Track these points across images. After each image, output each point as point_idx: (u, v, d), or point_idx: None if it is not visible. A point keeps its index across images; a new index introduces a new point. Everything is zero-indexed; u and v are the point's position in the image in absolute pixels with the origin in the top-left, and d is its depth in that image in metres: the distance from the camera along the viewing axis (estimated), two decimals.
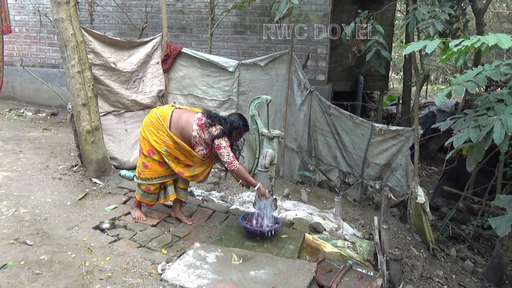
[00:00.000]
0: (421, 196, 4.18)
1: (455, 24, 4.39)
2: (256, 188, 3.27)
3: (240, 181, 3.36)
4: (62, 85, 7.03)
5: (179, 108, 3.43)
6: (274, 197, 3.49)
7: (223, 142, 3.20)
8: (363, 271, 3.11)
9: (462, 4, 4.50)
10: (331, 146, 5.24)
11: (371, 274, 3.08)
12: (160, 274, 2.65)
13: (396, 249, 3.74)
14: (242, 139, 3.49)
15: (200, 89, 5.38)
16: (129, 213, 3.54)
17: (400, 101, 9.17)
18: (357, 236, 3.90)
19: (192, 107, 4.00)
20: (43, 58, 7.46)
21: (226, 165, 3.24)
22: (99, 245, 2.94)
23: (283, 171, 5.49)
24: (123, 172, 4.42)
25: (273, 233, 3.34)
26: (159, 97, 5.22)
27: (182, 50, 5.26)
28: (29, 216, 3.20)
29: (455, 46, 2.66)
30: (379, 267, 3.20)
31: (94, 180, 4.07)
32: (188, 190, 4.36)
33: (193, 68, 5.33)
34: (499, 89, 5.45)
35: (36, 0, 7.04)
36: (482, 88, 5.25)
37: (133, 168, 4.68)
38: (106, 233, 3.17)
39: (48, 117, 6.66)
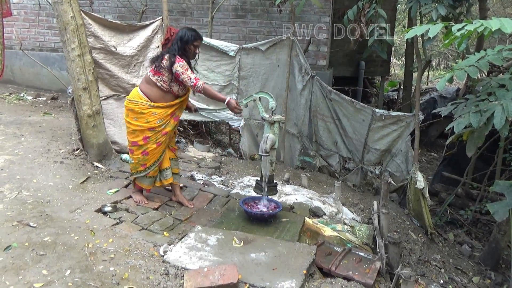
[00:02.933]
0: (421, 182, 4.20)
1: (458, 9, 4.33)
2: (225, 102, 3.32)
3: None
4: (62, 69, 6.99)
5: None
6: (274, 181, 3.51)
7: (179, 68, 3.20)
8: (362, 254, 3.15)
9: None
10: (332, 131, 5.24)
11: (370, 257, 3.12)
12: (162, 256, 2.70)
13: (395, 233, 3.79)
14: (197, 51, 3.43)
15: (200, 73, 5.36)
16: (131, 196, 3.58)
17: (401, 87, 9.13)
18: (357, 221, 3.94)
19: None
20: (42, 42, 7.40)
21: (192, 89, 3.31)
22: (101, 227, 2.98)
23: (283, 156, 5.51)
24: (124, 156, 4.43)
25: (273, 217, 3.38)
26: None
27: None
28: (32, 199, 3.24)
29: (458, 30, 2.63)
30: (378, 250, 3.24)
31: (96, 164, 4.10)
32: (189, 174, 4.40)
33: None
34: (501, 74, 5.42)
35: None
36: (484, 74, 5.21)
37: None
38: (108, 216, 3.21)
39: (49, 101, 6.65)
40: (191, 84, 3.23)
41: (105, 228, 2.97)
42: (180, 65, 3.20)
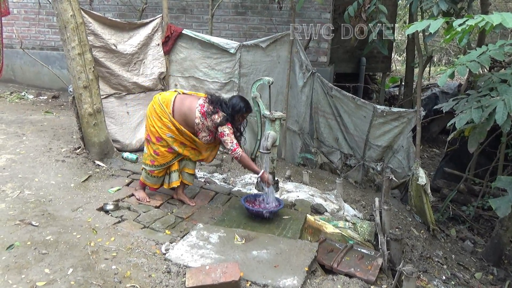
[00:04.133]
0: (422, 178, 4.20)
1: (459, 4, 4.31)
2: (259, 175, 3.33)
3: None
4: (63, 68, 6.99)
5: (183, 93, 3.43)
6: (276, 179, 3.51)
7: (226, 130, 3.22)
8: (364, 251, 3.15)
9: None
10: (333, 128, 5.23)
11: (372, 254, 3.12)
12: (164, 254, 2.70)
13: (397, 230, 3.78)
14: (245, 121, 3.50)
15: (201, 71, 5.35)
16: (133, 195, 3.58)
17: (403, 83, 9.10)
18: (358, 217, 3.94)
19: (195, 91, 3.98)
20: (43, 41, 7.40)
21: (229, 153, 3.27)
22: (103, 226, 2.98)
23: (285, 153, 5.51)
24: (125, 154, 4.44)
25: (275, 214, 3.38)
26: (160, 80, 5.20)
27: (183, 32, 5.20)
28: (34, 198, 3.24)
29: (459, 25, 2.62)
30: (380, 247, 3.24)
31: (97, 162, 4.10)
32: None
33: (194, 50, 5.28)
34: (503, 69, 5.40)
35: None
36: (485, 69, 5.19)
37: (135, 151, 4.71)
38: (110, 214, 3.21)
39: (50, 100, 6.66)
40: (231, 148, 3.23)
41: (107, 227, 2.98)
42: (228, 128, 3.23)
